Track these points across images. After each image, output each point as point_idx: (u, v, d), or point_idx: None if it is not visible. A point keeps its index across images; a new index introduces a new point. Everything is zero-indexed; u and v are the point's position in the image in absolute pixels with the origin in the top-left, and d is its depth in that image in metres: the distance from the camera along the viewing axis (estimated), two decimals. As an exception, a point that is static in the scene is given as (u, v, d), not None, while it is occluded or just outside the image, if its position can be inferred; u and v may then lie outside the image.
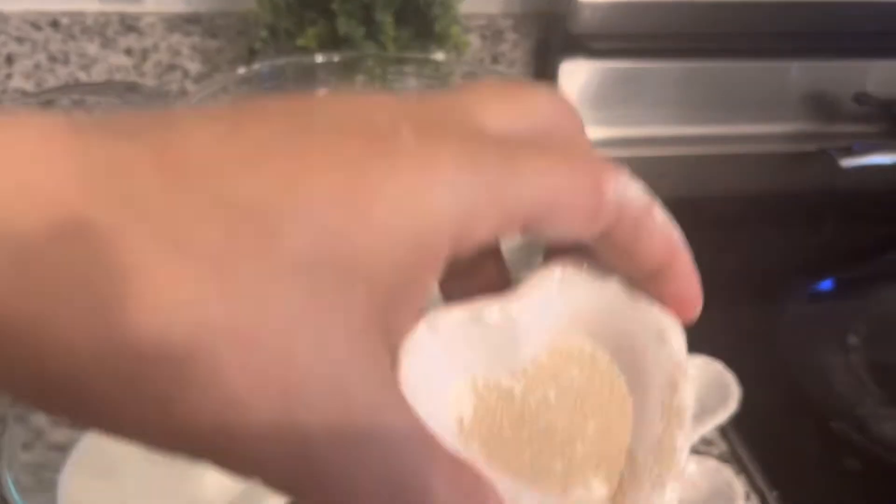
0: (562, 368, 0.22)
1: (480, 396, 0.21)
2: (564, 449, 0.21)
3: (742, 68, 0.83)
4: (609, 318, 0.22)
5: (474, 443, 0.20)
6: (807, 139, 0.85)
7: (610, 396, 0.22)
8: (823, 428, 0.49)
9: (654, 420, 0.22)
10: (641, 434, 0.22)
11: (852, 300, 0.61)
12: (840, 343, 0.56)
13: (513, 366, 0.21)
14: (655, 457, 0.21)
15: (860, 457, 0.47)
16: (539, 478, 0.20)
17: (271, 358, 0.14)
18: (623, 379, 0.22)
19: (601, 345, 0.22)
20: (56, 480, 0.38)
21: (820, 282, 0.64)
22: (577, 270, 0.21)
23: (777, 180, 0.79)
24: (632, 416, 0.22)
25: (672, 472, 0.21)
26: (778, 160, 0.83)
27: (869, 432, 0.48)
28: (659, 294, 0.21)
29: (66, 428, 0.40)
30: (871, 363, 0.54)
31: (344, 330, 0.15)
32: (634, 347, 0.22)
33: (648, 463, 0.21)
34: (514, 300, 0.21)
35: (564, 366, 0.22)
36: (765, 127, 0.86)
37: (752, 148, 0.84)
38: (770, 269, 0.65)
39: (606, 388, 0.22)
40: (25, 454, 0.36)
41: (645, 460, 0.21)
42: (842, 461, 0.46)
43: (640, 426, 0.22)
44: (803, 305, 0.60)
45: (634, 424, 0.22)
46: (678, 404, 0.22)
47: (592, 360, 0.22)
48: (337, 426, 0.14)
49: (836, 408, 0.50)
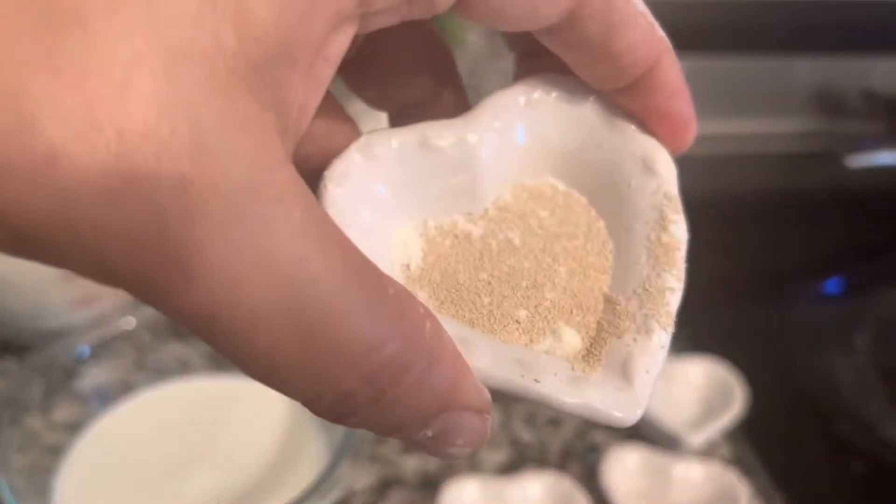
0: (529, 209, 0.19)
1: (431, 241, 0.18)
2: (530, 296, 0.18)
3: (747, 66, 0.83)
4: (585, 150, 0.19)
5: (422, 291, 0.17)
6: (812, 137, 0.85)
7: (586, 240, 0.19)
8: (829, 430, 0.48)
9: (640, 261, 0.18)
10: (625, 278, 0.18)
11: (859, 301, 0.61)
12: (846, 345, 0.56)
13: (471, 207, 0.18)
14: (641, 301, 0.17)
15: (866, 459, 0.46)
16: (499, 327, 0.17)
17: (99, 96, 0.11)
18: (602, 223, 0.19)
19: (576, 182, 0.19)
20: (50, 483, 0.38)
21: (826, 282, 0.63)
22: (545, 95, 0.18)
23: (783, 179, 0.79)
24: (613, 260, 0.18)
25: (660, 316, 0.17)
26: (783, 159, 0.83)
27: (875, 434, 0.48)
28: (644, 112, 0.18)
29: (60, 432, 0.40)
30: (877, 365, 0.54)
31: (203, 79, 0.12)
32: (616, 182, 0.19)
33: (632, 308, 0.17)
34: (470, 127, 0.18)
35: (532, 206, 0.19)
36: (770, 125, 0.85)
37: (757, 147, 0.84)
38: (776, 269, 0.65)
39: (581, 231, 0.19)
40: (20, 457, 0.36)
41: (627, 306, 0.17)
42: (847, 463, 0.46)
43: (624, 270, 0.18)
44: (809, 306, 0.60)
45: (616, 269, 0.18)
46: (667, 241, 0.18)
47: (566, 201, 0.19)
48: (197, 192, 0.12)
49: (842, 410, 0.50)
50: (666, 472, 0.41)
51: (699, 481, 0.41)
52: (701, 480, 0.41)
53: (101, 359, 0.41)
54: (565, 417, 0.47)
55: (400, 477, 0.43)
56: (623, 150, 0.18)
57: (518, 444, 0.46)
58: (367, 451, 0.36)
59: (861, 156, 0.70)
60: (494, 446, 0.45)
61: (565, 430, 0.46)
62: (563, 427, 0.47)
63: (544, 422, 0.47)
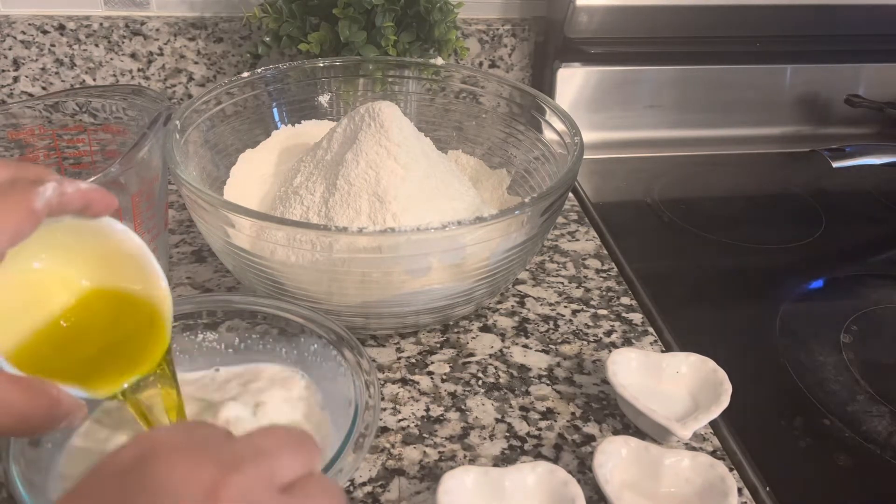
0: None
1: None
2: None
3: (736, 72, 0.84)
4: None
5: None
6: (800, 141, 0.86)
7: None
8: (815, 424, 0.49)
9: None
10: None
11: (844, 299, 0.62)
12: (832, 341, 0.57)
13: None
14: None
15: (851, 453, 0.47)
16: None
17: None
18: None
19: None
20: (55, 476, 0.38)
21: (812, 281, 0.64)
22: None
23: (770, 182, 0.80)
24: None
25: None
26: (771, 162, 0.84)
27: (860, 429, 0.49)
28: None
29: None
30: (862, 361, 0.55)
31: None
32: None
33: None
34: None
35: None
36: (758, 129, 0.86)
37: (745, 150, 0.85)
38: (763, 268, 0.66)
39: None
40: (32, 451, 0.37)
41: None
42: (833, 457, 0.47)
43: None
44: (796, 304, 0.61)
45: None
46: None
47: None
48: None
49: (829, 405, 0.51)
50: (657, 463, 0.42)
51: (689, 473, 0.42)
52: (690, 472, 0.42)
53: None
54: (559, 410, 0.48)
55: (401, 468, 0.44)
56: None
57: (514, 437, 0.47)
58: (369, 443, 0.37)
59: (847, 159, 0.71)
60: (492, 438, 0.46)
61: (559, 424, 0.48)
62: (558, 420, 0.48)
63: (539, 415, 0.48)
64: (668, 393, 0.48)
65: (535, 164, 0.60)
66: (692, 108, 0.84)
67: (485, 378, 0.51)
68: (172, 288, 0.57)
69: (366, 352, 0.42)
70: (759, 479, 0.45)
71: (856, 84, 0.86)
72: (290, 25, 0.68)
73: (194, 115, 0.56)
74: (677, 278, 0.64)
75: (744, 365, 0.52)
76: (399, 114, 0.53)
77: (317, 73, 0.64)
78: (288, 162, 0.60)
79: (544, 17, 0.84)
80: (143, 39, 0.77)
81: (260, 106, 0.62)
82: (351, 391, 0.40)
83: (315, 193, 0.52)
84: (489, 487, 0.40)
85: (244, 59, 0.80)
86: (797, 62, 0.85)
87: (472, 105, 0.65)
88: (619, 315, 0.57)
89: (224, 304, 0.46)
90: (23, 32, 0.75)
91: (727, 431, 0.48)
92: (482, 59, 0.85)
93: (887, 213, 0.76)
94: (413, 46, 0.68)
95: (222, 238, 0.48)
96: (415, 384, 0.50)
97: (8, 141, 0.54)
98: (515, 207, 0.46)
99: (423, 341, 0.54)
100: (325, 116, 0.65)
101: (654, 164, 0.81)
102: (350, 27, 0.65)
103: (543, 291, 0.60)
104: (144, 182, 0.50)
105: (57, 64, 0.77)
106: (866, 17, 0.84)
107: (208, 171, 0.57)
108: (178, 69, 0.80)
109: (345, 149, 0.53)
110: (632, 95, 0.82)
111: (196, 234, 0.64)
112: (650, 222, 0.71)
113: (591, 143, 0.80)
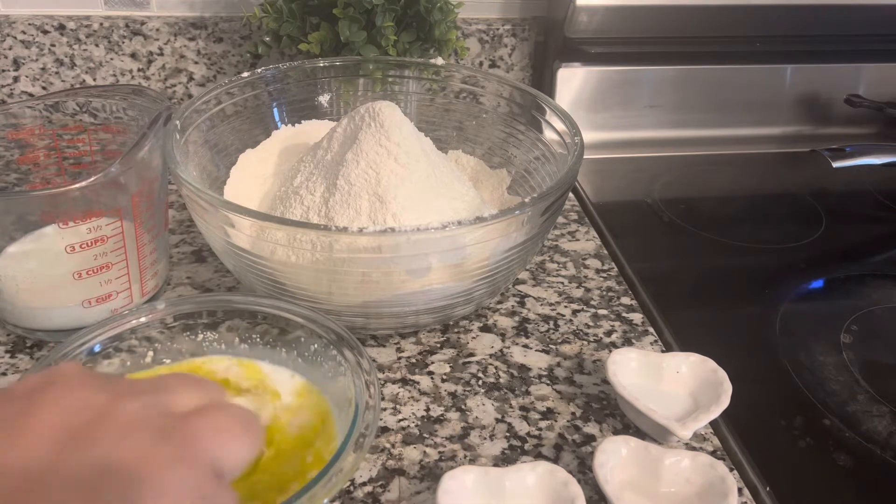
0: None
1: None
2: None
3: (736, 72, 0.84)
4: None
5: None
6: (800, 141, 0.86)
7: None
8: (815, 424, 0.49)
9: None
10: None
11: (844, 299, 0.62)
12: (832, 341, 0.57)
13: None
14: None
15: (852, 453, 0.47)
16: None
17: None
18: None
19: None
20: None
21: (812, 281, 0.64)
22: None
23: (770, 182, 0.80)
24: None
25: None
26: (771, 162, 0.84)
27: (860, 429, 0.49)
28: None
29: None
30: (862, 361, 0.55)
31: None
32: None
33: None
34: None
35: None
36: (758, 129, 0.87)
37: (745, 150, 0.85)
38: (763, 268, 0.66)
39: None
40: None
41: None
42: (833, 457, 0.47)
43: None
44: (796, 304, 0.61)
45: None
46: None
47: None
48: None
49: (829, 404, 0.51)
50: (657, 463, 0.42)
51: (689, 473, 0.42)
52: (691, 472, 0.42)
53: (112, 356, 0.42)
54: (559, 410, 0.49)
55: (401, 468, 0.44)
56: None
57: (514, 437, 0.47)
58: (369, 443, 0.37)
59: (847, 159, 0.71)
60: (492, 438, 0.46)
61: (560, 424, 0.48)
62: (558, 420, 0.48)
63: (539, 415, 0.48)
64: (668, 393, 0.48)
65: (535, 164, 0.60)
66: (692, 108, 0.84)
67: (485, 378, 0.51)
68: (173, 288, 0.58)
69: (366, 352, 0.42)
70: (759, 479, 0.45)
71: (856, 84, 0.86)
72: (290, 25, 0.68)
73: (194, 115, 0.56)
74: (677, 278, 0.64)
75: (744, 365, 0.52)
76: (399, 114, 0.53)
77: (317, 73, 0.64)
78: (288, 162, 0.60)
79: (544, 17, 0.84)
80: (143, 39, 0.77)
81: (260, 106, 0.62)
82: (351, 391, 0.40)
83: (315, 193, 0.52)
84: (489, 487, 0.40)
85: (244, 59, 0.80)
86: (797, 62, 0.85)
87: (472, 105, 0.65)
88: (620, 315, 0.57)
89: (224, 304, 0.45)
90: (23, 32, 0.75)
91: (727, 431, 0.48)
92: (482, 59, 0.85)
93: (887, 213, 0.76)
94: (413, 46, 0.68)
95: (222, 238, 0.48)
96: (415, 384, 0.50)
97: (8, 141, 0.54)
98: (515, 207, 0.46)
99: (423, 341, 0.54)
100: (325, 116, 0.65)
101: (654, 164, 0.81)
102: (350, 27, 0.65)
103: (543, 291, 0.60)
104: (144, 182, 0.50)
105: (57, 64, 0.77)
106: (866, 17, 0.84)
107: (208, 171, 0.57)
108: (178, 69, 0.80)
109: (345, 149, 0.53)
110: (632, 95, 0.82)
111: (196, 234, 0.64)
112: (650, 222, 0.71)
113: (591, 143, 0.80)
